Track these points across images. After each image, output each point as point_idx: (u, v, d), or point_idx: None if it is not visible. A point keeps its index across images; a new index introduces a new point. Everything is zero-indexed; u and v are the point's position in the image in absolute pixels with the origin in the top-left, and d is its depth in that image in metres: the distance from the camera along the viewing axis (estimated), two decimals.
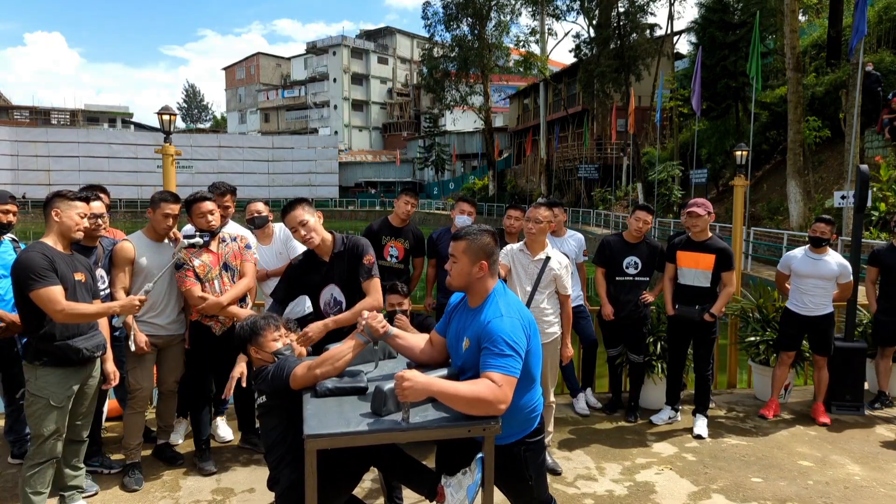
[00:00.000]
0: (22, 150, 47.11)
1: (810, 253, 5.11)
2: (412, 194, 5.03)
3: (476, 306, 2.46)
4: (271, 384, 2.64)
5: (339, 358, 2.53)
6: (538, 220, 3.97)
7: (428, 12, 39.97)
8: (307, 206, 3.40)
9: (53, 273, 3.09)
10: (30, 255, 3.10)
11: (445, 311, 2.70)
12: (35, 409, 3.16)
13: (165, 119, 5.23)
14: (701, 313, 4.74)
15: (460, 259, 2.43)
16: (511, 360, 2.24)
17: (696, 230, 4.79)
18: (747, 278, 11.72)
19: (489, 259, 2.43)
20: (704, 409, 4.91)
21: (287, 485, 2.60)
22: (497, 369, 2.21)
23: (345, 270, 3.44)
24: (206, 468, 3.99)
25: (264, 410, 2.72)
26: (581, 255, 5.39)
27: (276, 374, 2.63)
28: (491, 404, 2.16)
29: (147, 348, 3.78)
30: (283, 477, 2.63)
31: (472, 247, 2.41)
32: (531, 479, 2.52)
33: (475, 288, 2.46)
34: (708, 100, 21.87)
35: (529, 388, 2.48)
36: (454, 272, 2.46)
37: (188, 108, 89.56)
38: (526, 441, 2.50)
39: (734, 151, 7.92)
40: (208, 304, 3.80)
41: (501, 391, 2.18)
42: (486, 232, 2.47)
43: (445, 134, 52.17)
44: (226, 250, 4.01)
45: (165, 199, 3.84)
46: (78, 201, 3.27)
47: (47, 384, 3.16)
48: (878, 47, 19.42)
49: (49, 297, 3.04)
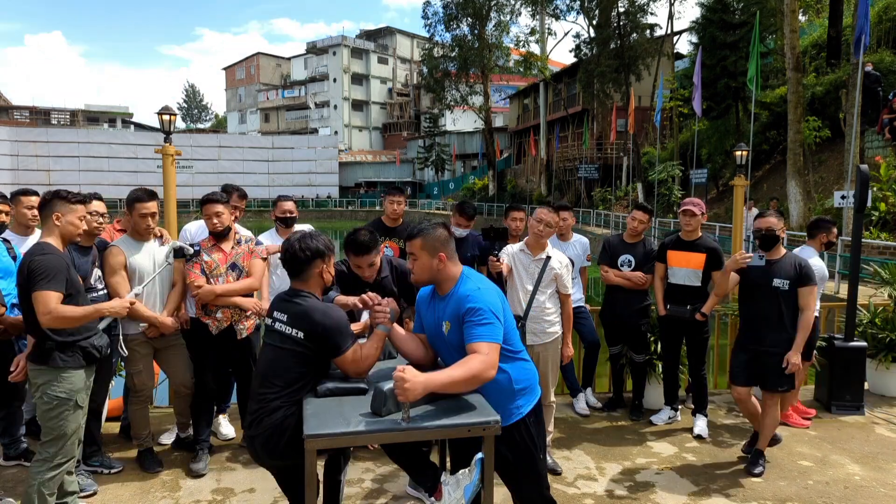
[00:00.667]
0: (22, 150, 47.14)
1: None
2: (397, 192, 5.01)
3: (447, 292, 2.59)
4: (321, 331, 2.52)
5: (374, 356, 2.63)
6: (549, 223, 4.00)
7: (428, 12, 40.04)
8: (377, 249, 3.33)
9: (64, 278, 3.10)
10: (48, 257, 3.09)
11: (416, 308, 2.82)
12: (61, 411, 3.14)
13: (165, 119, 5.25)
14: (692, 313, 4.75)
15: (419, 255, 2.59)
16: (493, 327, 2.40)
17: (689, 229, 4.81)
18: None
19: (446, 249, 2.59)
20: (704, 409, 4.91)
21: (280, 421, 2.50)
22: (482, 338, 2.36)
23: (393, 289, 3.49)
24: (196, 469, 3.98)
25: (293, 346, 2.56)
26: (585, 260, 5.39)
27: (331, 326, 2.53)
28: (483, 373, 2.32)
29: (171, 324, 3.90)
30: (276, 416, 2.52)
31: (427, 242, 2.58)
32: (542, 452, 2.67)
33: (441, 277, 2.60)
34: (708, 100, 21.88)
35: (516, 351, 2.62)
36: (416, 268, 2.62)
37: (188, 108, 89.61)
38: (528, 420, 2.63)
39: (734, 151, 7.94)
40: (203, 290, 3.86)
41: (490, 358, 2.34)
42: (439, 225, 2.65)
43: (445, 134, 52.19)
44: (238, 251, 4.08)
45: (139, 198, 3.80)
46: (78, 204, 3.27)
47: (73, 385, 3.17)
48: (878, 47, 19.44)
49: (45, 300, 3.02)
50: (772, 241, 4.12)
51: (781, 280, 4.05)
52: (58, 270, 3.07)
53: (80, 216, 3.27)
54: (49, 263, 3.06)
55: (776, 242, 4.13)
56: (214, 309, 3.98)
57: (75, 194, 3.32)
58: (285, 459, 2.57)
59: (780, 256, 4.13)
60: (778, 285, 4.05)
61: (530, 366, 2.71)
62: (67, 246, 3.35)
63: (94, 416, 3.94)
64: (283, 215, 4.69)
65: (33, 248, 3.18)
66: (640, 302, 5.08)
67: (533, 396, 2.67)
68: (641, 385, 5.26)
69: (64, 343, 3.14)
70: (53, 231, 3.21)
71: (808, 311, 4.04)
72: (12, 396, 4.03)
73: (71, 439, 3.20)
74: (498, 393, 2.51)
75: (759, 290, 4.13)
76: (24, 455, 4.04)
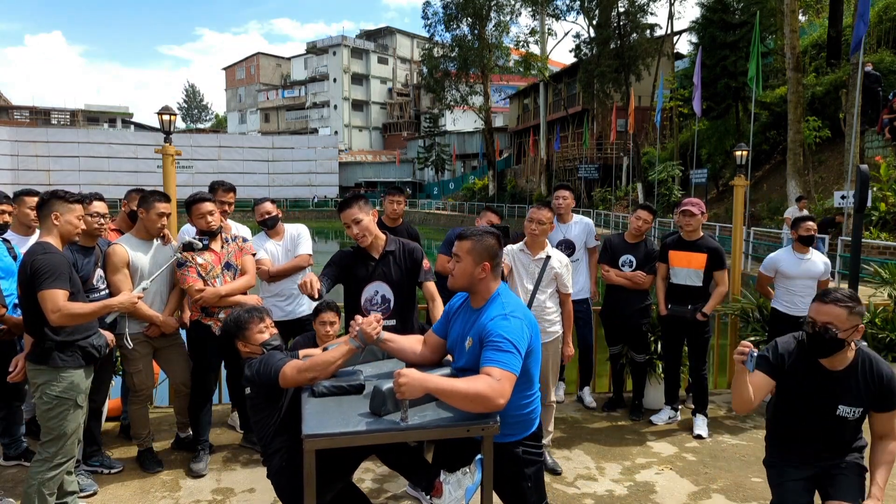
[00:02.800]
0: (22, 150, 47.08)
1: (796, 253, 5.08)
2: (397, 192, 4.98)
3: (479, 307, 2.47)
4: (256, 377, 2.65)
5: (330, 363, 2.53)
6: (542, 221, 4.00)
7: (428, 12, 40.02)
8: (363, 203, 3.38)
9: (68, 277, 3.12)
10: (51, 255, 3.11)
11: (445, 312, 2.70)
12: (61, 411, 3.15)
13: (165, 119, 5.23)
14: (693, 313, 4.75)
15: (464, 258, 2.44)
16: (511, 356, 2.24)
17: (689, 229, 4.81)
18: (747, 278, 11.71)
19: (492, 261, 2.45)
20: (704, 409, 4.91)
21: (277, 469, 2.67)
22: (497, 364, 2.21)
23: (397, 270, 3.45)
24: (196, 469, 3.98)
25: (252, 403, 2.75)
26: (592, 240, 5.32)
27: (261, 370, 2.64)
28: (490, 399, 2.13)
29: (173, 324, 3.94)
30: (273, 463, 2.69)
31: (476, 247, 2.43)
32: (529, 482, 2.49)
33: (477, 288, 2.47)
34: (708, 100, 21.86)
35: (528, 387, 2.47)
36: (457, 271, 2.47)
37: (188, 108, 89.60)
38: (524, 443, 2.49)
39: (734, 151, 7.93)
40: (206, 293, 3.85)
41: (500, 386, 2.16)
42: (491, 234, 2.49)
43: (445, 134, 52.18)
44: (228, 250, 4.08)
45: (159, 199, 3.86)
46: (76, 203, 3.28)
47: (74, 385, 3.18)
48: (878, 47, 19.43)
49: (53, 298, 3.04)
50: (832, 345, 2.50)
51: (850, 408, 2.59)
52: (62, 269, 3.09)
53: (78, 216, 3.28)
54: (53, 262, 3.08)
55: (840, 347, 2.51)
56: (216, 310, 3.99)
57: (73, 194, 3.33)
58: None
59: (845, 365, 2.58)
60: (845, 414, 2.59)
61: (535, 403, 2.53)
62: (68, 246, 3.36)
63: (94, 416, 3.95)
64: (262, 218, 4.59)
65: (34, 248, 3.18)
66: (640, 301, 5.08)
67: (523, 431, 2.48)
68: (641, 385, 5.26)
69: (63, 343, 3.14)
70: (52, 231, 3.21)
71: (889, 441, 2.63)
72: (13, 396, 4.04)
73: (71, 439, 3.20)
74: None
75: (814, 414, 2.65)
76: (24, 455, 4.04)
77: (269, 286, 4.57)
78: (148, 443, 4.08)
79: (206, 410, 4.14)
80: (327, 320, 3.66)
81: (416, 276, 3.48)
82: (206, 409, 4.15)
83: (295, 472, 2.52)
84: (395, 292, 3.44)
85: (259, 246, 4.55)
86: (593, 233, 5.34)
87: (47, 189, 3.42)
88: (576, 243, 5.21)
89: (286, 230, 4.71)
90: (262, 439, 2.75)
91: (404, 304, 3.47)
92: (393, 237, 3.54)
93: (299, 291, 4.51)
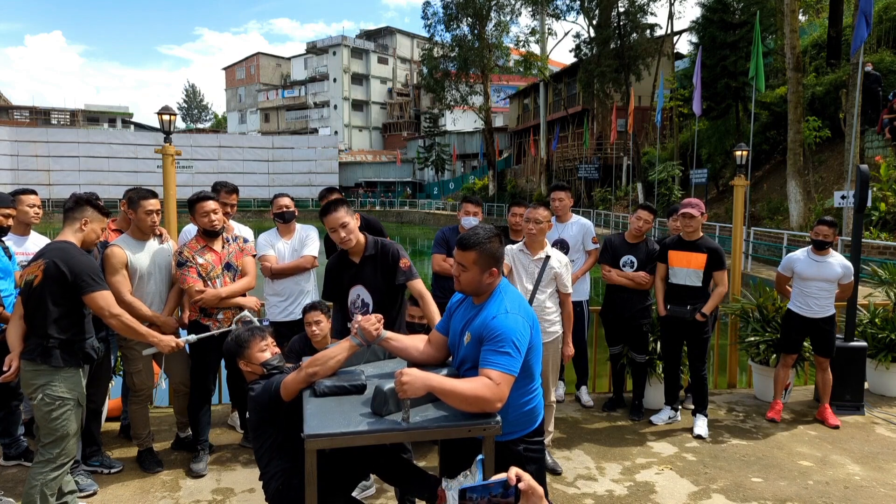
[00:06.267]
0: (22, 150, 47.05)
1: (813, 255, 5.07)
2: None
3: (480, 303, 2.47)
4: (256, 401, 2.64)
5: (330, 358, 2.52)
6: (538, 220, 3.99)
7: (428, 12, 40.04)
8: (347, 207, 3.38)
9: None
10: (88, 258, 3.20)
11: (447, 309, 2.70)
12: (63, 412, 3.14)
13: (165, 119, 5.23)
14: (693, 313, 4.75)
15: (470, 269, 2.41)
16: (511, 358, 2.25)
17: (690, 230, 4.81)
18: (747, 278, 11.72)
19: (498, 265, 2.45)
20: (704, 409, 4.91)
21: (274, 493, 2.64)
22: (496, 367, 2.22)
23: (375, 273, 3.44)
24: (196, 469, 3.98)
25: (252, 426, 2.74)
26: (590, 242, 5.28)
27: (260, 393, 2.63)
28: (488, 402, 2.17)
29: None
30: (271, 487, 2.66)
31: (482, 257, 2.39)
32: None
33: (488, 291, 2.47)
34: (708, 100, 21.86)
35: (529, 383, 2.47)
36: (464, 280, 2.44)
37: (188, 108, 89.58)
38: (526, 440, 2.49)
39: (734, 151, 7.93)
40: (207, 294, 3.85)
41: (499, 389, 2.19)
42: (494, 237, 2.45)
43: (445, 134, 52.13)
44: (229, 250, 4.08)
45: (144, 196, 3.83)
46: (105, 216, 3.41)
47: (74, 385, 3.19)
48: (878, 47, 19.42)
49: (108, 300, 3.17)
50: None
51: None
52: (99, 271, 3.23)
53: (102, 227, 3.40)
54: (93, 264, 3.20)
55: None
56: (216, 311, 3.98)
57: (104, 207, 3.43)
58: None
59: None
60: None
61: (537, 398, 2.53)
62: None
63: (94, 417, 3.95)
64: (280, 210, 4.61)
65: (66, 247, 3.16)
66: (641, 302, 5.07)
67: (525, 427, 2.48)
68: (642, 385, 5.25)
69: (67, 342, 3.15)
70: (76, 235, 3.26)
71: None
72: (11, 396, 4.03)
73: (73, 439, 3.21)
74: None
75: None
76: (24, 455, 4.04)
77: (271, 286, 4.57)
78: (148, 443, 4.08)
79: (205, 410, 4.14)
80: (312, 320, 3.63)
81: (395, 278, 3.43)
82: (206, 409, 4.15)
83: (292, 497, 2.52)
84: (374, 296, 3.44)
85: (269, 242, 4.57)
86: (592, 234, 5.30)
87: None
88: (571, 243, 5.20)
89: (297, 230, 4.72)
90: (260, 461, 2.73)
91: (387, 307, 3.41)
92: (374, 239, 3.50)
93: (301, 292, 4.55)
